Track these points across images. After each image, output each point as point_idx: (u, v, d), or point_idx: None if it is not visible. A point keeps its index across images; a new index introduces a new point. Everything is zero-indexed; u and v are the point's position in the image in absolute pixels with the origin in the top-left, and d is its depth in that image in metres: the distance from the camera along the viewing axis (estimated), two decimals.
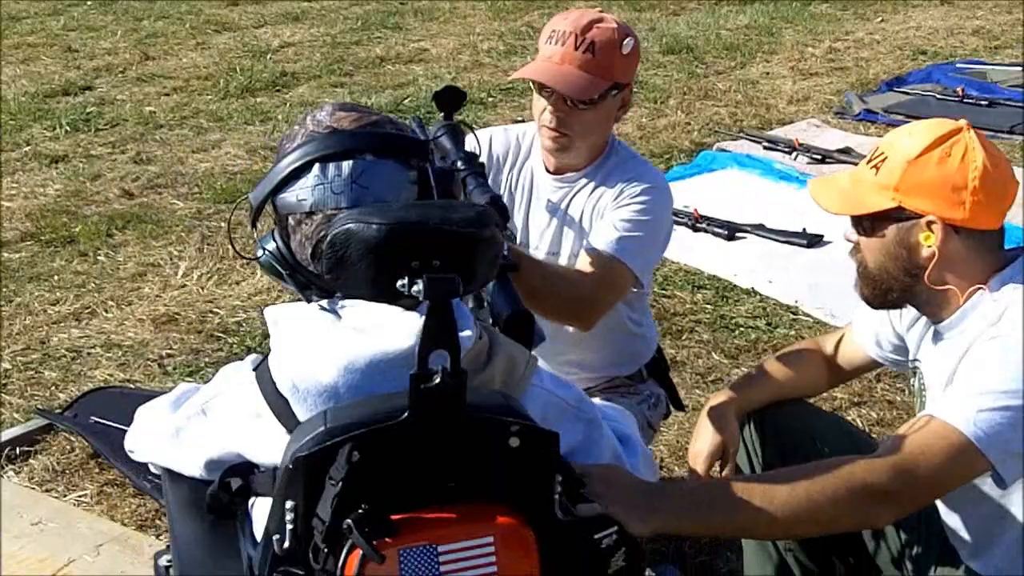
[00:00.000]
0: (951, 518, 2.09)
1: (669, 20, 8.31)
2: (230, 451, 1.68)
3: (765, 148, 5.64)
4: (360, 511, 1.45)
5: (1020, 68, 6.64)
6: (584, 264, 2.35)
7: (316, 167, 1.60)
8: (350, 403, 1.53)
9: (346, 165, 1.59)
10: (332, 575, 1.46)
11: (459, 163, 2.03)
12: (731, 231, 4.72)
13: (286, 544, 1.49)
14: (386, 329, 1.58)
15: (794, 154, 5.52)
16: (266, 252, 1.68)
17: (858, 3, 8.46)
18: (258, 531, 1.66)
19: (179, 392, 1.85)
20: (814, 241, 4.53)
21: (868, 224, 1.98)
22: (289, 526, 1.49)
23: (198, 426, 1.74)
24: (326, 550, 1.46)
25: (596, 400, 1.82)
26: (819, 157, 5.45)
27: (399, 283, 1.51)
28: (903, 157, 1.92)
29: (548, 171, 2.54)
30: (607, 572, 1.58)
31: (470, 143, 2.14)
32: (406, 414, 1.47)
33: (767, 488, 1.71)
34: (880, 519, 1.79)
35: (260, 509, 1.68)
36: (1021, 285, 1.91)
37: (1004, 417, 1.77)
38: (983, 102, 6.07)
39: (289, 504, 1.49)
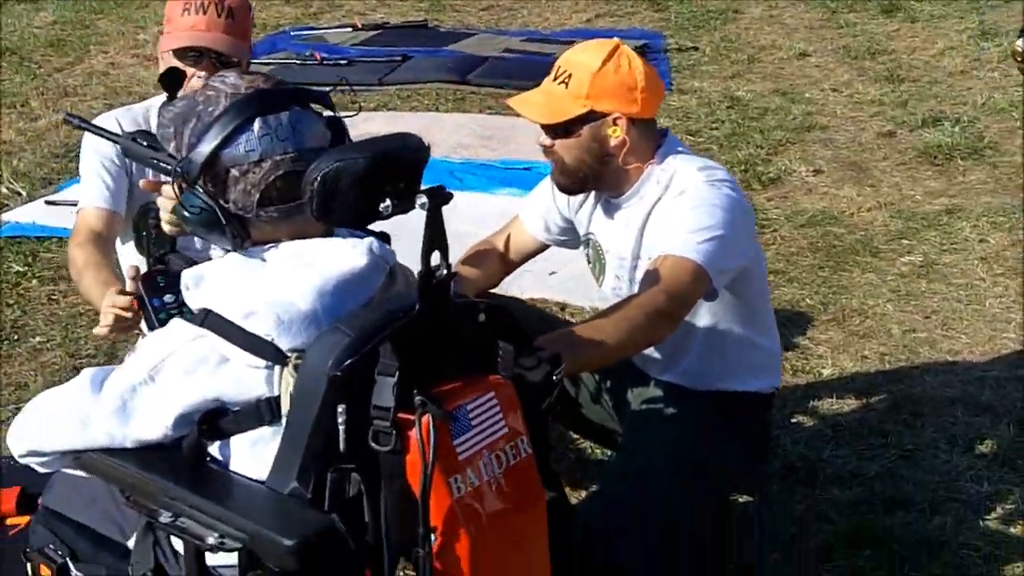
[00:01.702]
0: None
1: None
2: (198, 401, 1.89)
3: None
4: (419, 391, 1.80)
5: (350, 27, 7.58)
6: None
7: (258, 121, 1.87)
8: (354, 316, 1.86)
9: (284, 116, 1.90)
10: (397, 452, 1.79)
11: None
12: None
13: (341, 445, 1.79)
14: (333, 256, 1.92)
15: None
16: (194, 209, 1.90)
17: None
18: (241, 466, 1.91)
19: (90, 377, 1.98)
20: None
21: (563, 129, 2.61)
22: (342, 427, 1.79)
23: (150, 393, 1.91)
24: (392, 432, 1.78)
25: None
26: None
27: (381, 206, 1.86)
28: (587, 71, 2.58)
29: None
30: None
31: None
32: (418, 306, 1.84)
33: (599, 327, 2.30)
34: (663, 335, 2.46)
35: (237, 446, 1.92)
36: (679, 154, 2.67)
37: (713, 245, 2.51)
38: (343, 61, 6.90)
39: (340, 408, 1.79)
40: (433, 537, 1.80)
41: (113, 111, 2.91)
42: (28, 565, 2.28)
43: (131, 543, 2.12)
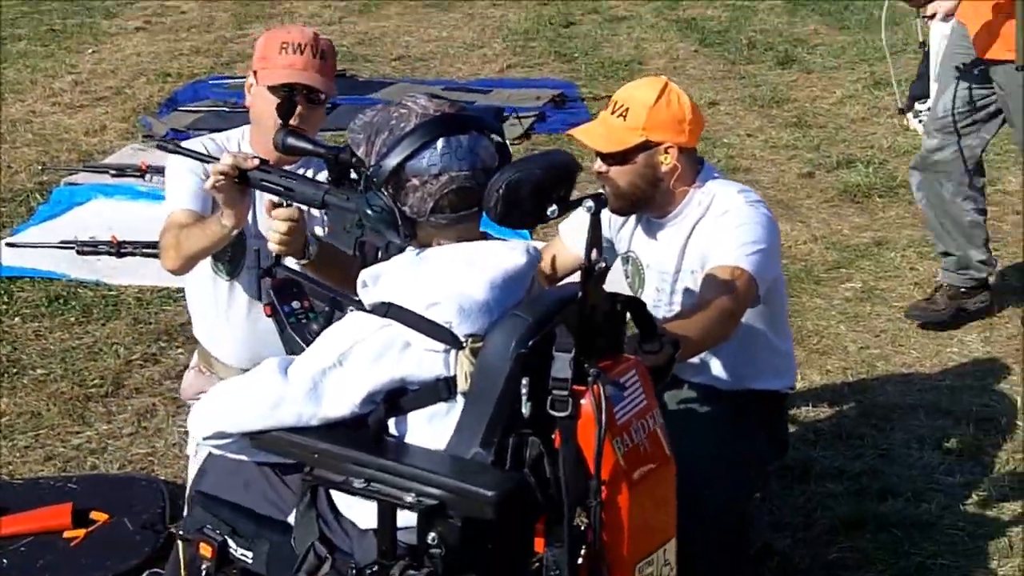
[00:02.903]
0: None
1: None
2: (385, 382, 2.25)
3: (113, 176, 6.18)
4: (589, 365, 2.18)
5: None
6: None
7: (441, 140, 2.25)
8: (525, 305, 2.24)
9: (464, 138, 2.28)
10: (572, 418, 2.17)
11: None
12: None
13: (525, 411, 2.16)
14: (498, 256, 2.30)
15: (148, 176, 6.15)
16: (376, 208, 2.26)
17: (63, 39, 8.96)
18: (417, 439, 2.26)
19: (276, 365, 2.30)
20: None
21: (620, 156, 3.03)
22: (525, 397, 2.16)
23: (340, 376, 2.25)
24: (569, 400, 2.16)
25: None
26: None
27: (548, 210, 2.25)
28: (644, 106, 3.01)
29: None
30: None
31: None
32: (580, 294, 2.23)
33: (685, 325, 2.71)
34: (730, 333, 2.88)
35: (414, 421, 2.27)
36: (717, 178, 3.12)
37: (759, 257, 2.96)
38: None
39: (525, 381, 2.16)
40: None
41: (198, 138, 3.20)
42: (180, 548, 2.57)
43: (291, 519, 2.43)
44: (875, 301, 4.92)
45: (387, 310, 2.26)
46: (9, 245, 5.32)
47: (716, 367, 3.21)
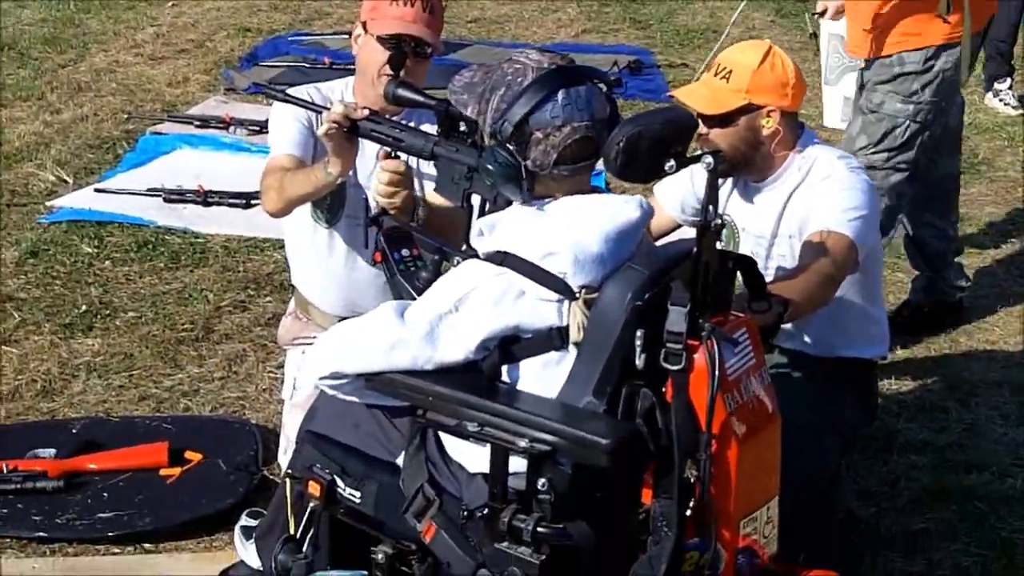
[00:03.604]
0: None
1: None
2: (500, 328, 2.29)
3: (198, 127, 6.27)
4: (703, 320, 2.22)
5: (348, 34, 7.93)
6: None
7: (561, 92, 2.29)
8: (641, 257, 2.28)
9: (582, 89, 2.32)
10: (684, 371, 2.21)
11: None
12: (247, 199, 5.38)
13: (639, 363, 2.21)
14: (611, 209, 2.33)
15: (232, 128, 6.24)
16: (501, 161, 2.30)
17: None
18: (528, 386, 2.31)
19: (393, 308, 2.36)
20: None
21: (722, 119, 3.05)
22: (639, 348, 2.20)
23: (456, 321, 2.30)
24: (683, 353, 2.20)
25: None
26: (256, 128, 6.23)
27: (667, 165, 2.28)
28: (747, 68, 3.03)
29: None
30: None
31: None
32: (695, 250, 2.26)
33: (789, 287, 2.73)
34: (831, 296, 2.90)
35: (526, 369, 2.32)
36: (817, 143, 3.14)
37: (861, 223, 2.98)
38: (351, 66, 7.23)
39: (639, 332, 2.20)
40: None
41: (304, 86, 3.26)
42: (288, 485, 2.63)
43: (399, 460, 2.49)
44: None
45: (503, 259, 2.30)
46: (98, 191, 5.42)
47: (809, 333, 3.23)
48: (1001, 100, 6.65)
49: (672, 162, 2.29)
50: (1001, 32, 6.45)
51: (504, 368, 2.34)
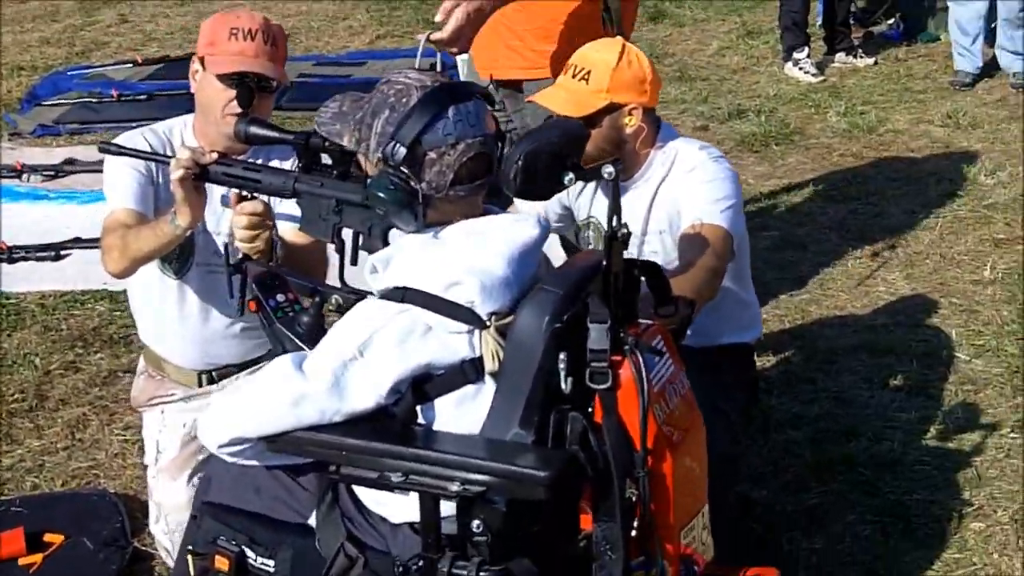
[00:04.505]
0: None
1: None
2: (411, 368, 2.17)
3: None
4: (624, 334, 2.15)
5: (130, 63, 7.64)
6: None
7: (452, 108, 2.18)
8: (551, 277, 2.20)
9: (471, 105, 2.21)
10: (611, 389, 2.13)
11: None
12: (55, 251, 5.08)
13: (566, 387, 2.12)
14: (508, 229, 2.25)
15: (25, 176, 5.90)
16: (391, 188, 2.19)
17: None
18: (446, 425, 2.20)
19: (288, 362, 2.21)
20: None
21: (586, 121, 2.98)
22: (563, 372, 2.12)
23: (362, 367, 2.17)
24: (608, 371, 2.12)
25: None
26: (51, 173, 5.91)
27: (566, 179, 2.20)
28: (606, 67, 2.97)
29: None
30: None
31: None
32: (605, 262, 2.19)
33: (681, 285, 2.69)
34: (717, 289, 2.87)
35: (442, 407, 2.21)
36: (677, 138, 3.11)
37: (731, 212, 2.97)
38: (141, 97, 6.96)
39: (562, 355, 2.12)
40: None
41: (136, 130, 3.05)
42: (190, 562, 2.45)
43: (311, 521, 2.34)
44: (794, 248, 5.00)
45: (404, 294, 2.18)
46: None
47: (690, 326, 3.20)
48: (801, 69, 6.83)
49: (571, 175, 2.22)
50: (795, 3, 6.63)
51: (418, 409, 2.22)
